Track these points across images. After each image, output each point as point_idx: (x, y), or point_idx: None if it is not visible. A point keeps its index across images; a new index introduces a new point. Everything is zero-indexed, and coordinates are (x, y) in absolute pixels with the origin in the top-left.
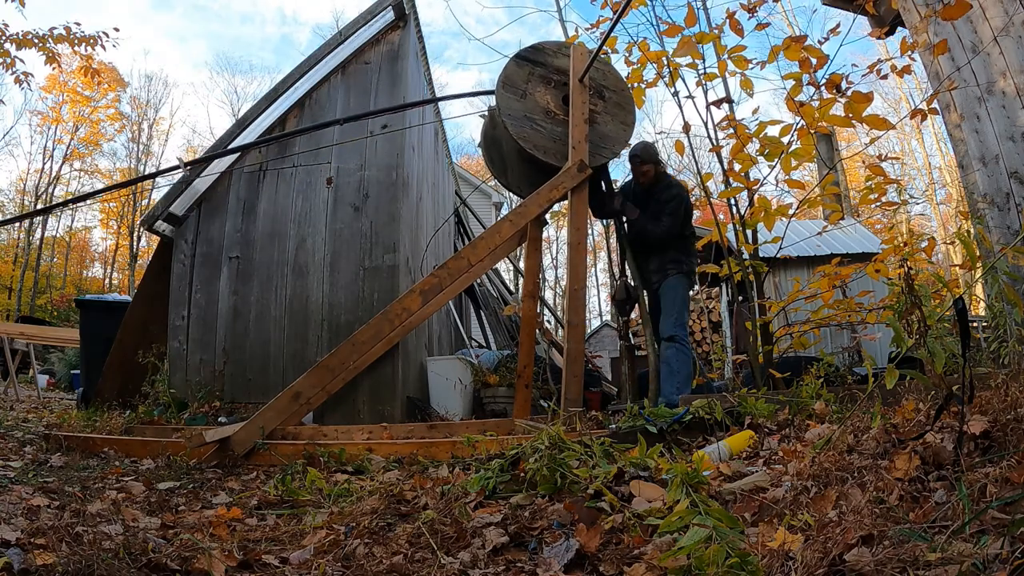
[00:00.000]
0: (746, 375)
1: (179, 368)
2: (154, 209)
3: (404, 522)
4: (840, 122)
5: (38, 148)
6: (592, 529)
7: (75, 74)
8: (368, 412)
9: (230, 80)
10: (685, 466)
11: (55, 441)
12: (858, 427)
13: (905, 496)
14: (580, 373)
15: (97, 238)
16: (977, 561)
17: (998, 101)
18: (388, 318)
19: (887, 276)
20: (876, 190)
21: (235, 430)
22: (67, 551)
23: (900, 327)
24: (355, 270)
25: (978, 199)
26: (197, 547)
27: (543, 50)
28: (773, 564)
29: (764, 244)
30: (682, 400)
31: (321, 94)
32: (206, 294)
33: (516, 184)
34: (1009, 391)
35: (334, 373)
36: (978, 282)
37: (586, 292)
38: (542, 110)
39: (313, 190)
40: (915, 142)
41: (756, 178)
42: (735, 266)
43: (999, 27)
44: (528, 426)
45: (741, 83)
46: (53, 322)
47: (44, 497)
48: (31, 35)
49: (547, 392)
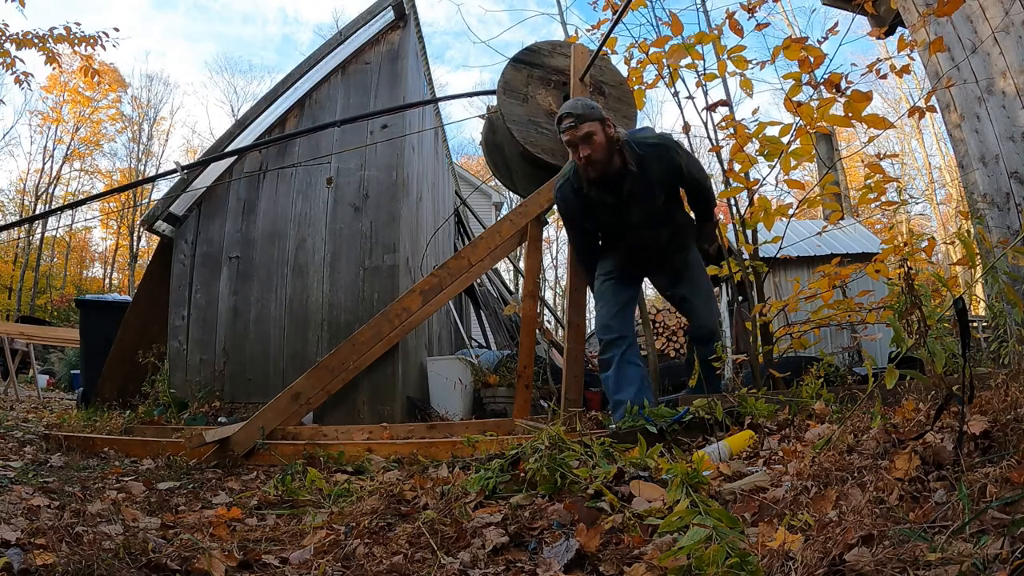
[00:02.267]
0: (746, 375)
1: (179, 368)
2: (154, 209)
3: (404, 522)
4: (839, 121)
5: (38, 148)
6: (592, 529)
7: (76, 74)
8: (368, 412)
9: (230, 80)
10: (685, 466)
11: (55, 441)
12: (858, 427)
13: (905, 496)
14: (580, 373)
15: (97, 238)
16: (977, 561)
17: (998, 101)
18: (388, 318)
19: (887, 276)
20: (875, 189)
21: (235, 430)
22: (67, 551)
23: (900, 327)
24: (355, 270)
25: (978, 199)
26: (197, 547)
27: (538, 51)
28: (773, 564)
29: (764, 244)
30: (682, 400)
31: (321, 94)
32: (206, 294)
33: (523, 188)
34: (1009, 391)
35: (334, 373)
36: (978, 282)
37: (586, 292)
38: (545, 112)
39: (313, 190)
40: (915, 142)
41: (756, 178)
42: (735, 266)
43: (998, 26)
44: (528, 426)
45: (741, 83)
46: (53, 322)
47: (44, 497)
48: (31, 35)
49: (547, 392)
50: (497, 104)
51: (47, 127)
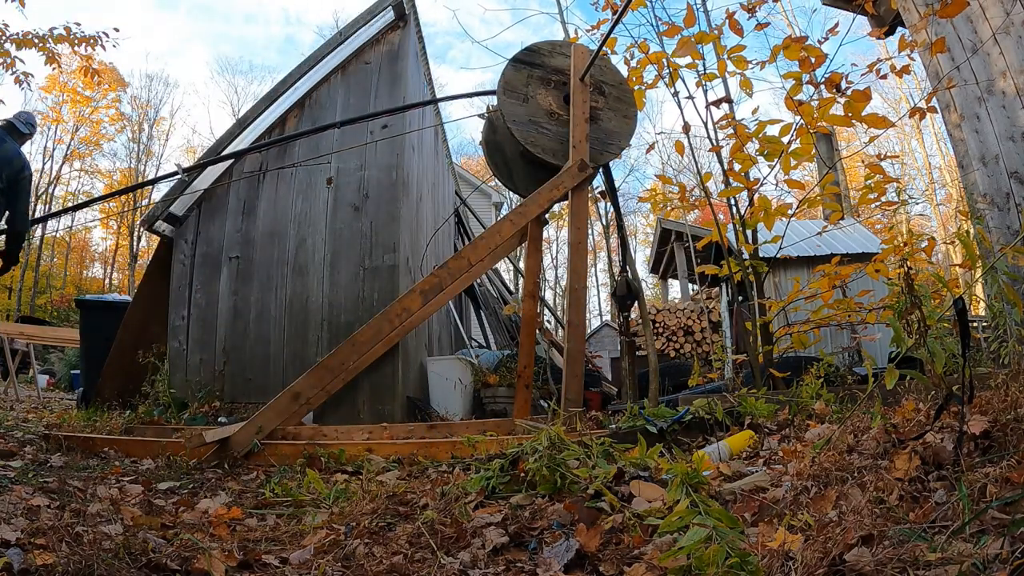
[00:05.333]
0: (746, 375)
1: (179, 368)
2: (154, 209)
3: (404, 522)
4: (839, 121)
5: (38, 148)
6: (592, 529)
7: (75, 74)
8: (368, 412)
9: (231, 80)
10: (685, 466)
11: (55, 441)
12: (858, 427)
13: (905, 496)
14: (580, 373)
15: (97, 238)
16: (977, 561)
17: (998, 101)
18: (388, 318)
19: (887, 276)
20: (876, 189)
21: (235, 430)
22: (67, 551)
23: (900, 327)
24: (355, 270)
25: (978, 199)
26: (197, 547)
27: (538, 51)
28: (773, 564)
29: (764, 244)
30: (682, 400)
31: (321, 94)
32: (206, 294)
33: (523, 187)
34: (1009, 391)
35: (334, 373)
36: (978, 282)
37: (586, 292)
38: (545, 112)
39: (313, 190)
40: (915, 142)
41: (756, 178)
42: (735, 266)
43: (999, 27)
44: (528, 426)
45: (741, 83)
46: (53, 322)
47: (44, 497)
48: (31, 35)
49: (547, 392)
50: (497, 104)
51: (47, 127)
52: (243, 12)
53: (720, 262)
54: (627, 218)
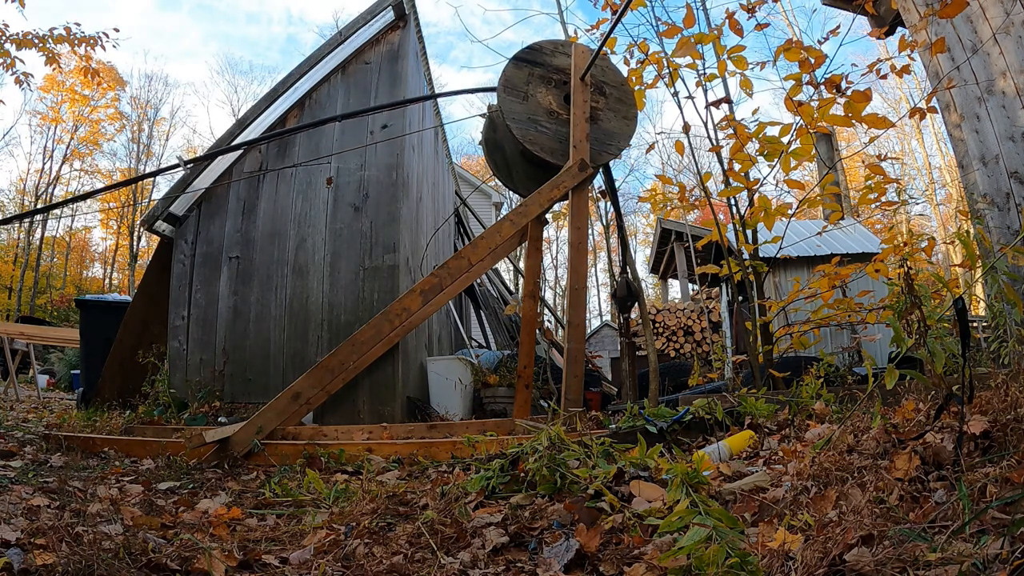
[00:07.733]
0: (746, 375)
1: (179, 368)
2: (154, 209)
3: (404, 522)
4: (839, 121)
5: (38, 148)
6: (592, 529)
7: (73, 74)
8: (368, 412)
9: (231, 80)
10: (685, 466)
11: (55, 441)
12: (858, 427)
13: (905, 496)
14: (580, 373)
15: (97, 238)
16: (977, 561)
17: (998, 101)
18: (388, 318)
19: (887, 276)
20: (876, 189)
21: (235, 430)
22: (67, 551)
23: (900, 327)
24: (355, 270)
25: (978, 199)
26: (197, 547)
27: (540, 50)
28: (773, 564)
29: (764, 244)
30: (682, 400)
31: (321, 94)
32: (206, 294)
33: (522, 186)
34: (1009, 391)
35: (334, 373)
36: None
37: (586, 292)
38: (545, 111)
39: (313, 190)
40: (915, 142)
41: (756, 178)
42: (735, 266)
43: (999, 27)
44: (528, 426)
45: (741, 83)
46: (53, 322)
47: (44, 497)
48: (31, 35)
49: (547, 392)
50: (497, 101)
51: (46, 127)
52: (245, 12)
53: (720, 262)
54: (627, 218)
